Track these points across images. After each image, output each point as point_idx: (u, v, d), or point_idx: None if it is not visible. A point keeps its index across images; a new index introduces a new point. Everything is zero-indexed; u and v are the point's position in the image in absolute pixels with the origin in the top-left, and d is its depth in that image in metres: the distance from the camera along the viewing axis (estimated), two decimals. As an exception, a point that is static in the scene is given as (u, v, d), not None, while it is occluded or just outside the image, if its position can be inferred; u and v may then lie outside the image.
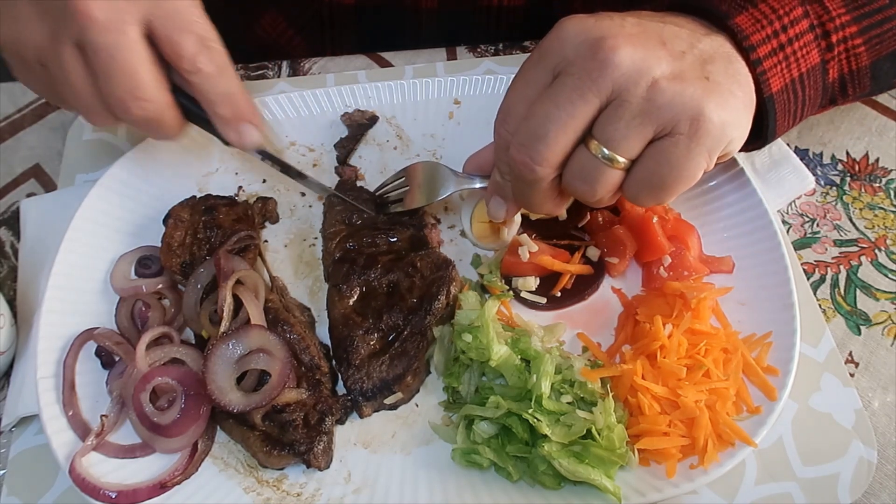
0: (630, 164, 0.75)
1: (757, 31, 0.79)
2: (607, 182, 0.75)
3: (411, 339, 0.87)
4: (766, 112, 0.81)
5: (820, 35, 0.83)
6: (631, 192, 0.77)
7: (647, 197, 0.77)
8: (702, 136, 0.72)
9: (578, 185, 0.76)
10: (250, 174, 1.07)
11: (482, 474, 0.81)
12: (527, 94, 0.77)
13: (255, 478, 0.82)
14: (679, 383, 0.81)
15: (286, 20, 1.31)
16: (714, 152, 0.74)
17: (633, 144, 0.73)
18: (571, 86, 0.72)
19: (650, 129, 0.72)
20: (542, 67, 0.76)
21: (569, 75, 0.73)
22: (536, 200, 0.81)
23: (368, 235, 0.95)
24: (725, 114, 0.72)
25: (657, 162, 0.73)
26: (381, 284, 0.91)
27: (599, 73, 0.71)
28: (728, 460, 0.79)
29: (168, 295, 0.94)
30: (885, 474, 0.83)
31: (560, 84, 0.73)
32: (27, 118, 1.17)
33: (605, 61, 0.71)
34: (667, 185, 0.75)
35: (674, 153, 0.72)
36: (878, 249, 1.01)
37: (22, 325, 0.93)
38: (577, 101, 0.72)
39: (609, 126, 0.72)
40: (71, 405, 0.84)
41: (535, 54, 0.77)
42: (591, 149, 0.74)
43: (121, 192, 1.00)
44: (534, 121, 0.74)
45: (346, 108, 1.11)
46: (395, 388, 0.85)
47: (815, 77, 0.84)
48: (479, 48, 1.24)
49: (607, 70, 0.70)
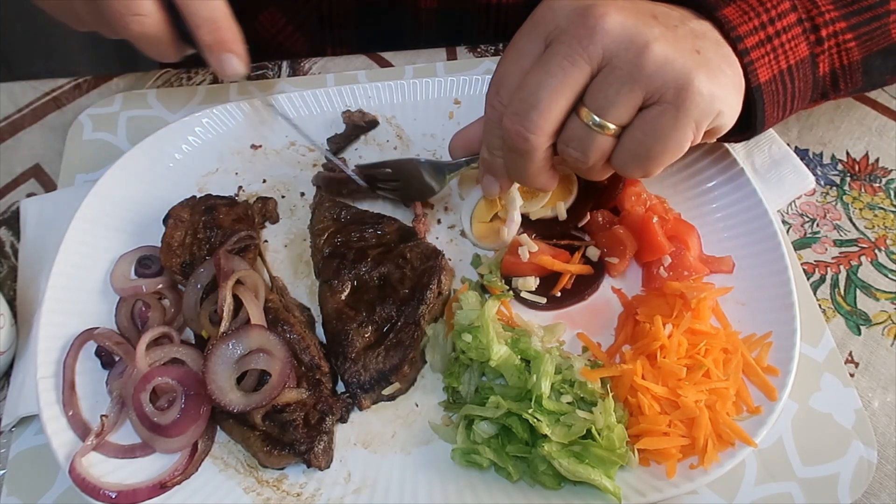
0: (620, 132, 0.75)
1: (744, 22, 0.80)
2: (598, 149, 0.76)
3: (405, 329, 0.87)
4: (754, 102, 0.82)
5: (809, 29, 0.84)
6: (619, 161, 0.78)
7: (635, 166, 0.77)
8: (689, 106, 0.72)
9: (571, 152, 0.77)
10: (250, 174, 1.07)
11: (482, 474, 0.81)
12: (519, 65, 0.77)
13: (255, 478, 0.82)
14: (679, 383, 0.81)
15: (285, 17, 1.31)
16: (702, 124, 0.74)
17: (623, 111, 0.73)
18: (562, 53, 0.72)
19: (639, 95, 0.72)
20: (534, 37, 0.76)
21: (560, 43, 0.73)
22: (530, 172, 0.81)
23: (356, 230, 0.95)
24: (714, 87, 0.73)
25: (644, 131, 0.74)
26: (372, 277, 0.91)
27: (590, 39, 0.71)
28: (728, 460, 0.79)
29: (168, 295, 0.94)
30: (885, 474, 0.83)
31: (551, 52, 0.74)
32: (27, 118, 1.17)
33: (595, 27, 0.71)
34: (653, 154, 0.75)
35: (661, 122, 0.73)
36: (878, 249, 1.01)
37: (22, 325, 0.93)
38: (569, 67, 0.72)
39: (599, 93, 0.73)
40: (71, 405, 0.84)
41: (527, 25, 0.78)
42: (582, 116, 0.74)
43: (121, 192, 1.00)
44: (526, 90, 0.74)
45: (347, 108, 1.11)
46: (393, 379, 0.86)
47: (804, 70, 0.85)
48: (479, 48, 1.24)
49: (597, 36, 0.71)
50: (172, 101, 1.16)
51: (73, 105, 1.19)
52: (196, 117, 1.08)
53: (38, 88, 1.21)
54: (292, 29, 1.32)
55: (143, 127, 1.10)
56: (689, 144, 0.76)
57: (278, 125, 1.10)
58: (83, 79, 1.22)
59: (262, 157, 1.09)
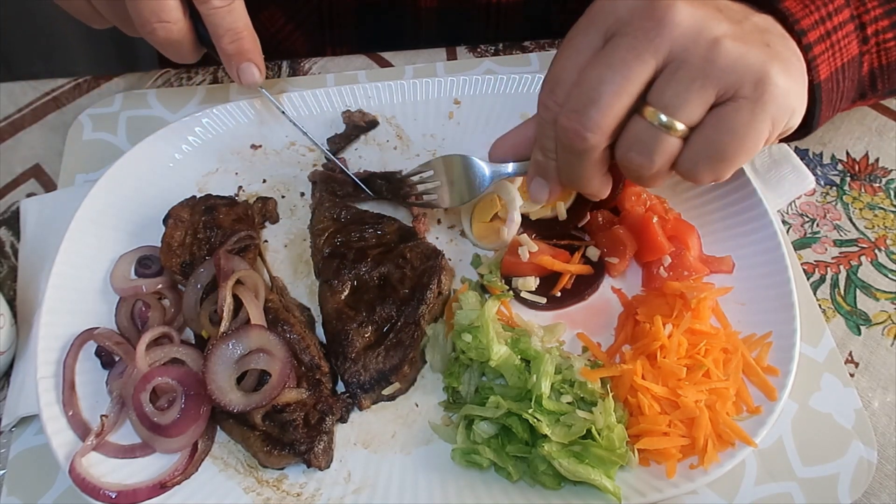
0: (688, 133, 0.70)
1: (806, 15, 0.76)
2: (665, 152, 0.71)
3: (405, 329, 0.87)
4: (814, 100, 0.78)
5: (858, 26, 0.81)
6: (688, 164, 0.72)
7: (706, 169, 0.72)
8: (767, 100, 0.67)
9: (634, 157, 0.72)
10: (250, 174, 1.07)
11: (482, 474, 0.81)
12: (576, 61, 0.72)
13: (255, 478, 0.82)
14: (679, 383, 0.81)
15: (285, 16, 1.31)
16: (778, 121, 0.70)
17: (694, 109, 0.68)
18: (626, 46, 0.68)
19: (711, 92, 0.67)
20: (594, 31, 0.72)
21: (623, 35, 0.69)
22: (586, 175, 0.77)
23: (357, 230, 0.95)
24: (790, 81, 0.69)
25: (718, 129, 0.69)
26: (372, 277, 0.91)
27: (657, 31, 0.67)
28: (728, 460, 0.79)
29: (168, 295, 0.94)
30: (885, 474, 0.83)
31: (614, 45, 0.69)
32: (27, 118, 1.17)
33: (663, 20, 0.67)
34: (728, 154, 0.70)
35: (737, 119, 0.68)
36: (878, 249, 1.01)
37: (22, 325, 0.93)
38: (633, 61, 0.67)
39: (667, 89, 0.68)
40: (71, 405, 0.84)
41: (584, 20, 0.74)
42: (646, 116, 0.69)
43: (121, 192, 1.00)
44: (585, 85, 0.70)
45: (347, 108, 1.11)
46: (393, 379, 0.86)
47: (853, 69, 0.82)
48: (479, 48, 1.24)
49: (666, 29, 0.67)
50: (172, 101, 1.16)
51: (73, 105, 1.19)
52: (196, 117, 1.08)
53: (38, 88, 1.21)
54: (292, 28, 1.32)
55: (143, 127, 1.11)
56: (763, 143, 0.71)
57: (278, 125, 1.10)
58: (83, 79, 1.22)
59: (262, 157, 1.09)
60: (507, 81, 1.12)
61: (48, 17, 0.92)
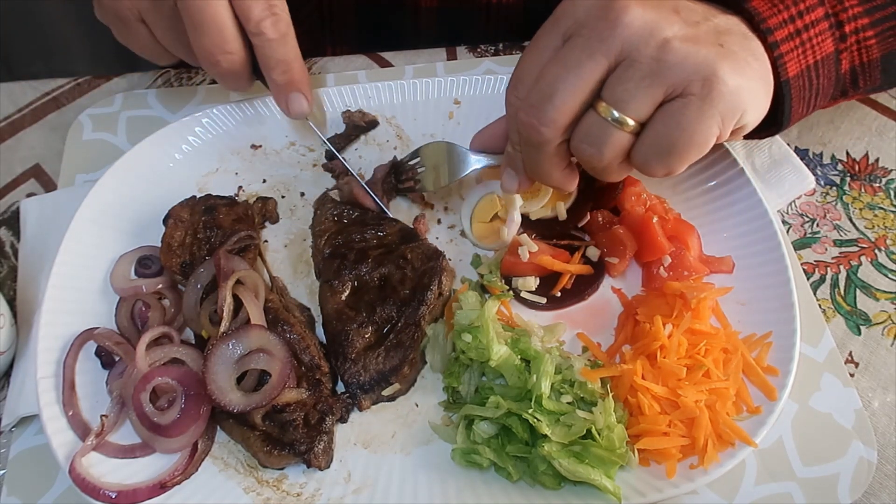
0: (639, 129, 0.73)
1: (773, 14, 0.78)
2: (615, 146, 0.74)
3: (406, 330, 0.87)
4: (782, 97, 0.80)
5: (834, 24, 0.83)
6: (640, 158, 0.75)
7: (657, 163, 0.75)
8: (715, 97, 0.70)
9: (585, 148, 0.75)
10: (250, 174, 1.07)
11: (482, 474, 0.81)
12: (538, 60, 0.76)
13: (255, 478, 0.82)
14: (679, 383, 0.81)
15: None
16: (728, 119, 0.72)
17: (643, 106, 0.71)
18: (581, 46, 0.72)
19: (660, 89, 0.70)
20: (554, 32, 0.75)
21: (579, 36, 0.72)
22: (545, 168, 0.80)
23: (357, 231, 0.95)
24: (740, 79, 0.71)
25: (667, 125, 0.72)
26: (373, 278, 0.91)
27: (609, 32, 0.70)
28: (728, 460, 0.79)
29: (168, 295, 0.94)
30: (885, 474, 0.83)
31: (569, 45, 0.73)
32: (27, 118, 1.17)
33: (615, 21, 0.70)
34: (677, 149, 0.73)
35: (685, 115, 0.71)
36: (878, 249, 1.01)
37: (22, 325, 0.93)
38: (586, 61, 0.71)
39: (618, 86, 0.71)
40: (71, 405, 0.84)
41: (548, 22, 0.77)
42: (599, 111, 0.73)
43: (121, 192, 1.00)
44: (543, 83, 0.74)
45: (347, 108, 1.11)
46: (393, 380, 0.86)
47: (828, 66, 0.83)
48: (479, 48, 1.24)
49: (617, 29, 0.70)
50: (172, 101, 1.16)
51: (73, 105, 1.19)
52: (196, 117, 1.08)
53: (38, 88, 1.21)
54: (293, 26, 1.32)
55: (143, 127, 1.11)
56: (714, 140, 0.73)
57: (278, 125, 1.10)
58: (83, 79, 1.22)
59: (262, 157, 1.09)
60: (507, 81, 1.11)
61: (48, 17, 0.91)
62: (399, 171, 1.02)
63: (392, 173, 1.03)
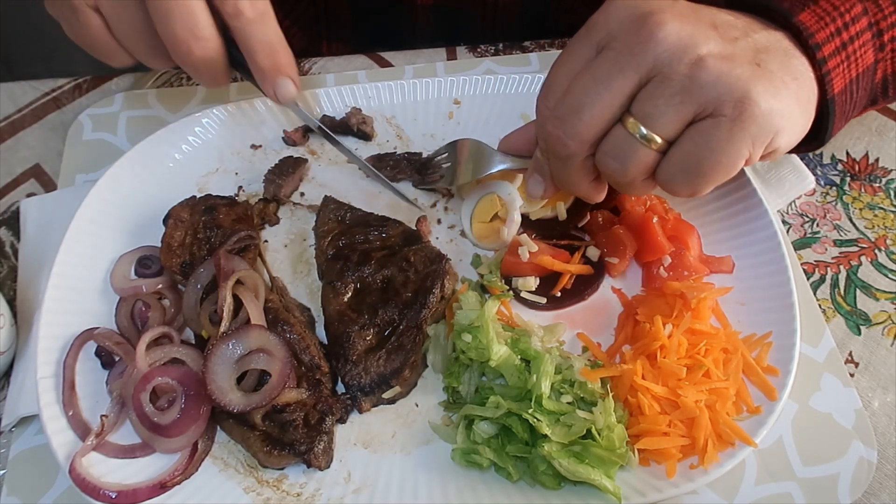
0: (667, 147, 0.72)
1: (821, 28, 0.75)
2: (641, 162, 0.72)
3: (407, 333, 0.87)
4: (826, 114, 0.77)
5: (875, 34, 0.80)
6: (665, 176, 0.73)
7: (682, 182, 0.73)
8: (746, 120, 0.67)
9: (610, 162, 0.74)
10: (250, 174, 1.07)
11: (482, 474, 0.81)
12: (569, 70, 0.74)
13: (255, 478, 0.82)
14: (679, 383, 0.81)
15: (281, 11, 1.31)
16: (759, 142, 0.70)
17: (672, 124, 0.69)
18: (612, 60, 0.70)
19: (690, 108, 0.68)
20: (587, 42, 0.74)
21: (610, 49, 0.71)
22: (572, 179, 0.79)
23: (361, 232, 0.95)
24: (775, 102, 0.68)
25: (695, 144, 0.70)
26: (376, 280, 0.91)
27: (641, 47, 0.68)
28: (728, 460, 0.79)
29: (168, 295, 0.94)
30: (885, 474, 0.83)
31: (601, 58, 0.71)
32: (27, 118, 1.17)
33: (648, 36, 0.68)
34: (703, 170, 0.71)
35: (714, 136, 0.68)
36: (878, 249, 1.01)
37: (22, 325, 0.93)
38: (616, 75, 0.69)
39: (647, 103, 0.69)
40: (71, 405, 0.84)
41: (582, 30, 0.75)
42: (627, 126, 0.71)
43: (121, 192, 1.00)
44: (572, 95, 0.73)
45: (346, 109, 1.11)
46: (393, 383, 0.85)
47: (867, 78, 0.81)
48: (479, 48, 1.24)
49: (650, 44, 0.68)
50: (172, 101, 1.16)
51: (73, 105, 1.19)
52: (196, 117, 1.08)
53: (38, 88, 1.21)
54: (288, 24, 1.31)
55: (143, 127, 1.11)
56: (742, 163, 0.71)
57: (278, 125, 1.10)
58: (83, 79, 1.22)
59: (262, 157, 1.09)
60: (507, 81, 1.12)
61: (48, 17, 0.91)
62: (425, 166, 1.03)
63: (418, 169, 1.03)
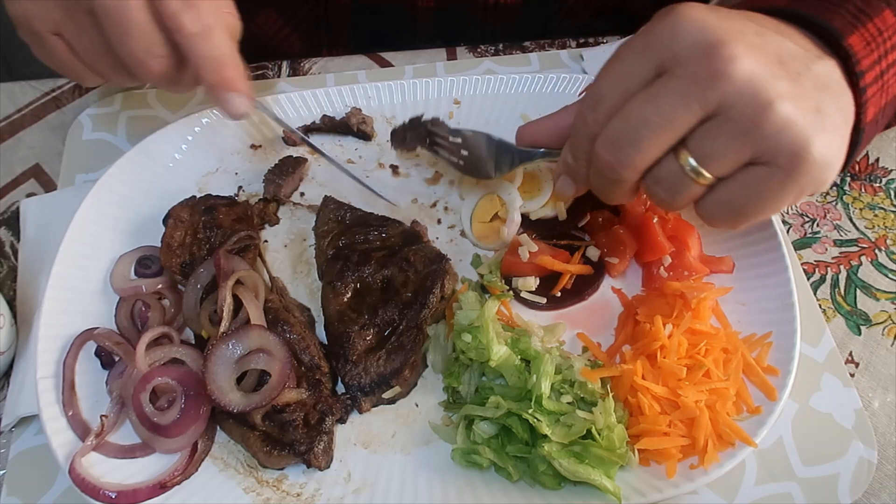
0: (715, 182, 0.70)
1: (867, 54, 0.73)
2: (688, 195, 0.71)
3: (407, 333, 0.87)
4: (856, 142, 0.75)
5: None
6: (707, 210, 0.72)
7: (723, 218, 0.72)
8: (801, 174, 0.66)
9: (658, 191, 0.72)
10: (250, 174, 1.07)
11: (482, 474, 0.81)
12: (623, 86, 0.70)
13: (255, 478, 0.82)
14: (679, 383, 0.81)
15: (282, 18, 1.31)
16: (806, 191, 0.69)
17: (727, 165, 0.68)
18: (677, 91, 0.66)
19: (748, 152, 0.66)
20: (646, 60, 0.69)
21: (676, 77, 0.66)
22: (615, 196, 0.78)
23: (361, 232, 0.95)
24: (829, 154, 0.67)
25: (745, 187, 0.68)
26: (376, 280, 0.91)
27: (710, 83, 0.64)
28: (728, 460, 0.79)
29: (168, 295, 0.94)
30: (885, 474, 0.83)
31: (664, 86, 0.67)
32: (27, 118, 1.17)
33: (719, 72, 0.64)
34: (747, 212, 0.70)
35: (766, 184, 0.67)
36: (878, 249, 1.01)
37: (22, 325, 0.93)
38: (680, 109, 0.66)
39: (706, 141, 0.67)
40: (71, 405, 0.84)
41: (640, 42, 0.70)
42: (679, 159, 0.69)
43: (121, 192, 1.00)
44: (629, 122, 0.69)
45: (346, 109, 1.11)
46: (393, 383, 0.85)
47: (892, 106, 0.79)
48: (479, 48, 1.24)
49: (720, 82, 0.64)
50: (172, 101, 1.16)
51: (73, 105, 1.19)
52: (196, 117, 1.08)
53: (38, 88, 1.21)
54: (289, 31, 1.32)
55: (143, 127, 1.10)
56: (785, 206, 0.71)
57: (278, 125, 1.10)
58: (83, 79, 1.22)
59: (262, 157, 1.09)
60: (507, 81, 1.12)
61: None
62: (436, 132, 0.94)
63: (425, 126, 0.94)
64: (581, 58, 1.19)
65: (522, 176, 1.00)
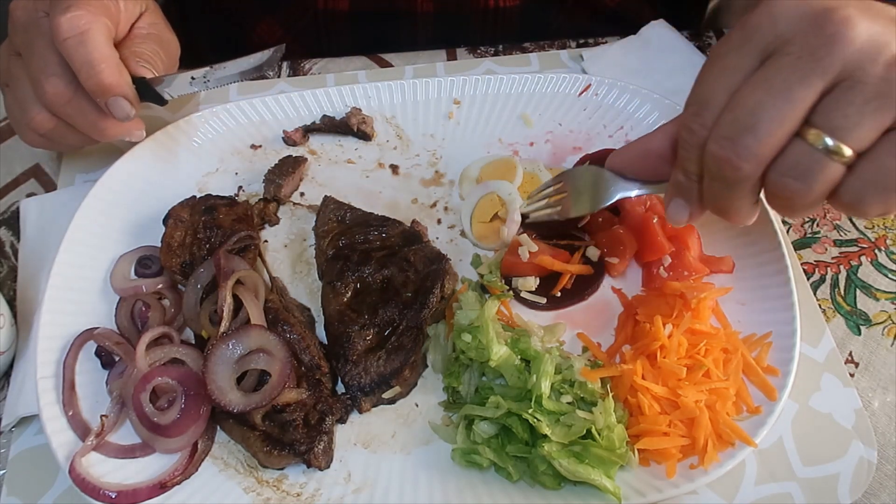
0: (855, 160, 0.63)
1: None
2: (826, 179, 0.63)
3: (407, 333, 0.87)
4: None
5: None
6: (853, 194, 0.64)
7: (876, 200, 0.64)
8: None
9: (790, 182, 0.64)
10: (250, 174, 1.07)
11: (482, 474, 0.81)
12: (728, 82, 0.66)
13: (255, 478, 0.82)
14: (679, 383, 0.81)
15: (282, 27, 1.31)
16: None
17: (866, 133, 0.61)
18: (790, 67, 0.61)
19: (889, 115, 0.60)
20: (748, 50, 0.65)
21: (786, 54, 0.62)
22: (735, 204, 0.70)
23: (361, 232, 0.95)
24: None
25: (894, 155, 0.61)
26: (376, 280, 0.91)
27: (827, 50, 0.60)
28: (728, 460, 0.79)
29: (168, 295, 0.94)
30: (885, 474, 0.83)
31: (774, 66, 0.63)
32: (27, 118, 1.17)
33: (835, 36, 0.60)
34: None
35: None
36: (878, 249, 1.01)
37: (22, 325, 0.93)
38: (797, 85, 0.61)
39: (836, 111, 0.61)
40: (71, 405, 0.84)
41: (737, 36, 0.66)
42: (809, 139, 0.62)
43: (121, 192, 1.00)
44: (740, 111, 0.64)
45: (346, 109, 1.11)
46: (393, 383, 0.85)
47: None
48: (479, 49, 1.24)
49: (837, 46, 0.60)
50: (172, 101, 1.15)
51: (73, 105, 1.18)
52: (196, 117, 1.08)
53: (38, 88, 1.21)
54: (290, 39, 1.32)
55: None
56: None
57: (278, 125, 1.10)
58: (83, 79, 1.22)
59: (262, 157, 1.09)
60: (507, 81, 1.12)
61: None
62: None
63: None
64: (581, 58, 1.19)
65: (522, 176, 1.01)
